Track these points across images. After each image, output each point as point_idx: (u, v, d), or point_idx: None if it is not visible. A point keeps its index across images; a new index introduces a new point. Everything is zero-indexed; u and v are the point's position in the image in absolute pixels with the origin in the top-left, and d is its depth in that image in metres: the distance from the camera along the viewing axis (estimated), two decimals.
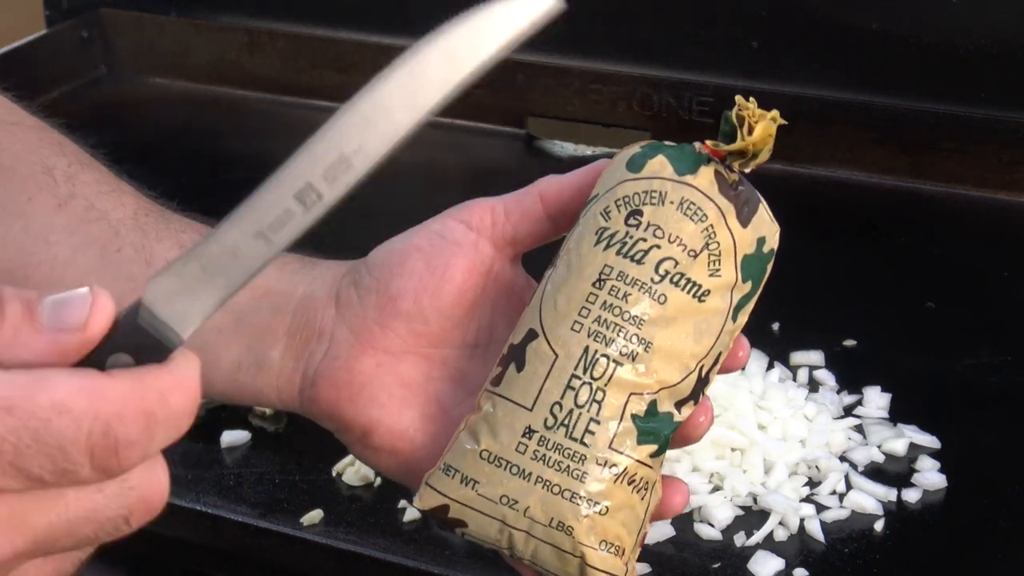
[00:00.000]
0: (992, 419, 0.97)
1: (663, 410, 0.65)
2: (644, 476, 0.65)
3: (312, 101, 1.52)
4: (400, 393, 0.67)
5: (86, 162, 0.73)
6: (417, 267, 0.66)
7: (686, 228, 0.65)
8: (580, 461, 0.63)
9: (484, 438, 0.65)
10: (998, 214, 1.26)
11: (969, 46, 1.27)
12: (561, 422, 0.64)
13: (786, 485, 0.89)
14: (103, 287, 0.68)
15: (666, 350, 0.64)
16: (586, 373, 0.64)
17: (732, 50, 1.35)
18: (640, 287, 0.64)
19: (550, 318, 0.65)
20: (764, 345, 1.02)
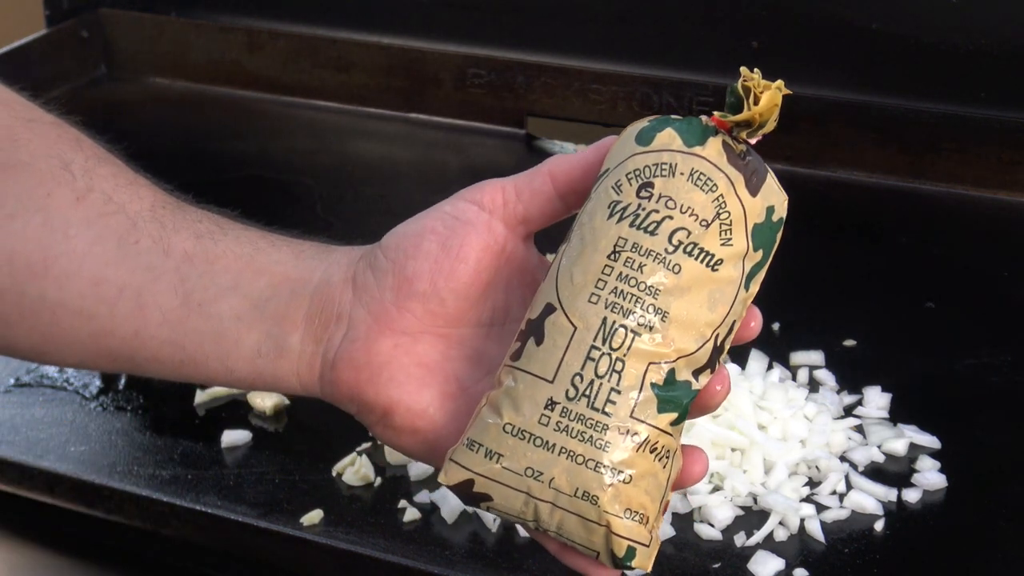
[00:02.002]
0: (992, 419, 0.97)
1: (681, 378, 0.66)
2: (665, 444, 0.65)
3: (312, 101, 1.52)
4: (418, 373, 0.68)
5: (103, 157, 0.74)
6: (432, 248, 0.67)
7: (697, 198, 0.66)
8: (603, 431, 0.64)
9: (507, 412, 0.65)
10: (998, 214, 1.26)
11: (969, 46, 1.27)
12: (582, 393, 0.65)
13: (786, 485, 0.89)
14: (121, 279, 0.69)
15: (682, 319, 0.65)
16: (605, 344, 0.65)
17: (732, 50, 1.35)
18: (655, 258, 0.65)
19: (567, 291, 0.66)
20: (764, 345, 1.02)
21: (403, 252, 0.68)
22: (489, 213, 0.68)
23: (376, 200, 1.34)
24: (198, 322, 0.69)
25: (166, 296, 0.69)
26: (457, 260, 0.67)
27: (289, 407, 1.00)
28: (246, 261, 0.70)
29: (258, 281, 0.70)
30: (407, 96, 1.47)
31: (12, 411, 1.00)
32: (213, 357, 0.70)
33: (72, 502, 0.94)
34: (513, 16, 1.44)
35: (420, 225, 0.68)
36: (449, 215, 0.68)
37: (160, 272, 0.69)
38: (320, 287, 0.69)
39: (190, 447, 0.96)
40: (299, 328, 0.69)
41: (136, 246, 0.70)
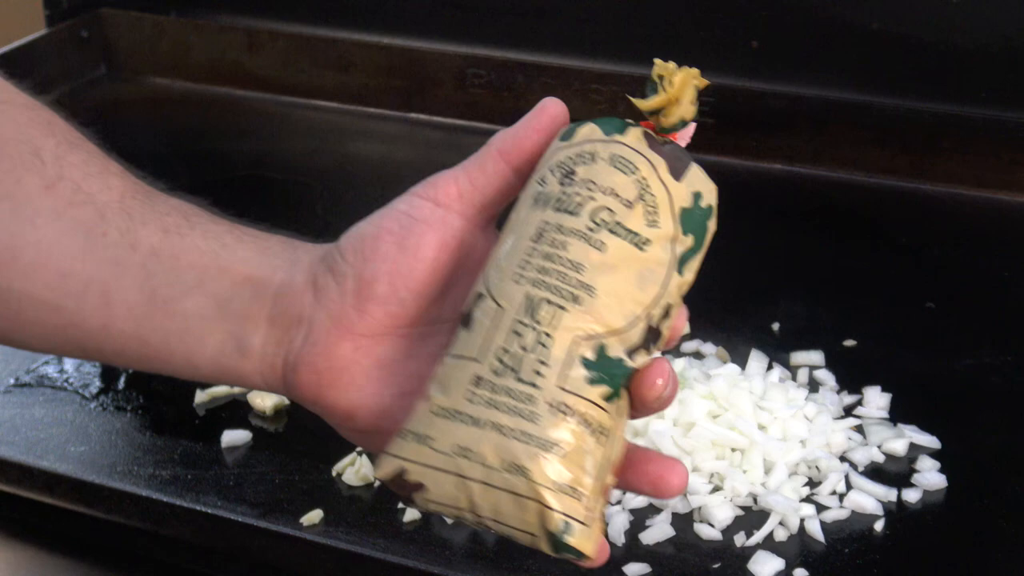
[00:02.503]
0: (992, 419, 0.97)
1: (613, 355, 0.65)
2: (599, 420, 0.64)
3: (312, 101, 1.52)
4: (379, 375, 0.68)
5: (75, 142, 0.74)
6: (389, 250, 0.67)
7: (618, 180, 0.66)
8: (531, 402, 0.63)
9: (435, 395, 0.65)
10: (998, 214, 1.26)
11: (969, 46, 1.27)
12: (509, 366, 0.64)
13: (786, 485, 0.89)
14: (87, 272, 0.69)
15: (610, 294, 0.65)
16: (531, 318, 0.64)
17: (732, 50, 1.35)
18: (577, 235, 0.65)
19: (494, 278, 0.66)
20: (764, 345, 1.02)
21: (360, 255, 0.67)
22: (445, 208, 0.68)
23: (376, 200, 1.33)
24: (163, 319, 0.69)
25: (132, 292, 0.69)
26: (415, 260, 0.67)
27: (289, 407, 1.00)
28: (211, 258, 0.70)
29: (222, 280, 0.69)
30: (407, 96, 1.47)
31: (12, 411, 1.00)
32: (178, 354, 0.70)
33: (72, 502, 0.94)
34: (513, 16, 1.44)
35: (376, 226, 0.68)
36: (404, 214, 0.68)
37: (126, 267, 0.69)
38: (282, 289, 0.69)
39: (190, 447, 0.96)
40: (261, 329, 0.69)
41: (104, 239, 0.70)
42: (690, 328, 1.05)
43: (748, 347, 1.02)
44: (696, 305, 0.71)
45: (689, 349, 1.03)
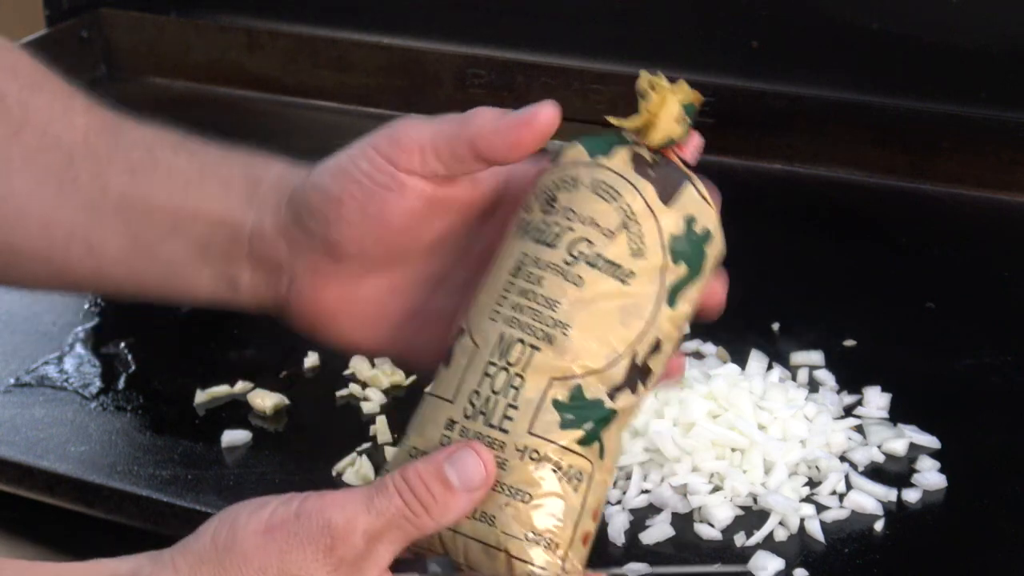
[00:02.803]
0: (992, 419, 0.97)
1: (591, 396, 0.62)
2: (574, 464, 0.62)
3: (312, 101, 1.52)
4: (370, 311, 0.69)
5: (38, 84, 0.74)
6: (353, 216, 0.66)
7: (599, 208, 0.63)
8: (500, 448, 0.61)
9: (413, 436, 0.64)
10: (998, 214, 1.26)
11: (969, 46, 1.27)
12: (479, 410, 0.62)
13: (786, 485, 0.89)
14: (67, 221, 0.70)
15: (587, 332, 0.62)
16: (502, 359, 0.62)
17: (732, 50, 1.35)
18: (553, 269, 0.62)
19: (473, 313, 0.64)
20: (764, 345, 1.02)
21: (325, 217, 0.67)
22: (407, 173, 0.66)
23: None
24: (150, 264, 0.70)
25: (114, 239, 0.70)
26: (380, 225, 0.66)
27: (289, 407, 1.00)
28: (180, 199, 0.70)
29: (196, 224, 0.70)
30: (407, 96, 1.47)
31: (12, 411, 1.00)
32: (175, 291, 0.72)
33: (72, 502, 0.94)
34: (513, 16, 1.44)
35: (339, 187, 0.67)
36: (366, 176, 0.66)
37: (102, 213, 0.70)
38: (255, 236, 0.69)
39: (190, 447, 0.96)
40: (246, 270, 0.70)
41: (74, 184, 0.70)
42: (690, 328, 1.04)
43: (748, 347, 1.02)
44: None
45: (689, 349, 1.03)
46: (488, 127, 0.65)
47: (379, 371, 1.02)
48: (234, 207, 0.70)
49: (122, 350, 1.08)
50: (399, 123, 0.66)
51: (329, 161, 0.68)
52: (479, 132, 0.65)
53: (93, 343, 1.09)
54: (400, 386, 1.01)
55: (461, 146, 0.65)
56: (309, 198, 0.67)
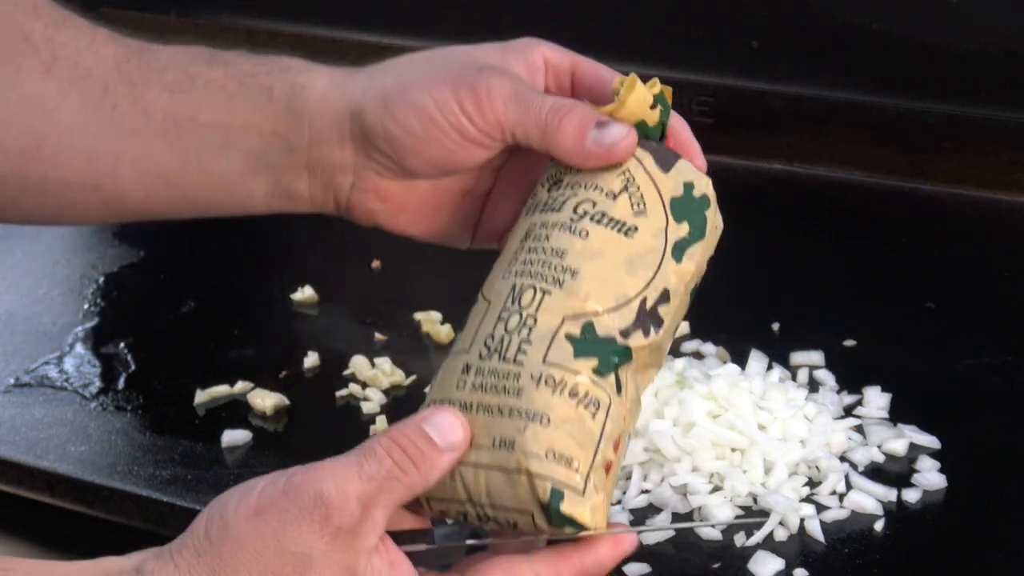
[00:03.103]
0: (992, 419, 0.97)
1: (603, 333, 0.65)
2: (589, 392, 0.64)
3: None
4: (432, 203, 0.73)
5: (60, 20, 0.76)
6: (432, 155, 0.69)
7: (602, 175, 0.67)
8: (515, 379, 0.64)
9: (432, 389, 0.67)
10: (998, 214, 1.26)
11: (969, 46, 1.27)
12: (494, 349, 0.65)
13: (786, 485, 0.89)
14: (112, 148, 0.71)
15: (595, 277, 0.65)
16: (514, 304, 0.65)
17: (732, 50, 1.35)
18: (559, 226, 0.66)
19: (489, 280, 0.68)
20: (764, 345, 1.02)
21: (404, 149, 0.70)
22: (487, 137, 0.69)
23: None
24: (204, 179, 0.72)
25: (163, 159, 0.71)
26: (451, 162, 0.70)
27: (289, 407, 1.00)
28: (227, 115, 0.71)
29: (248, 137, 0.71)
30: None
31: (12, 411, 1.00)
32: (229, 205, 0.73)
33: (72, 502, 0.94)
34: (513, 16, 1.44)
35: (425, 131, 0.69)
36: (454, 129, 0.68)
37: (147, 136, 0.71)
38: (314, 145, 0.71)
39: (190, 447, 0.96)
40: (303, 177, 0.72)
41: (114, 111, 0.72)
42: (690, 328, 1.05)
43: (748, 347, 1.02)
44: (696, 305, 0.71)
45: (689, 349, 1.03)
46: (570, 144, 0.68)
47: (379, 371, 1.02)
48: (282, 118, 0.71)
49: (122, 350, 1.08)
50: (486, 79, 0.68)
51: (409, 94, 0.69)
52: (558, 143, 0.68)
53: (93, 343, 1.09)
54: (400, 386, 1.01)
55: (537, 140, 0.68)
56: (389, 130, 0.70)
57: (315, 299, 1.14)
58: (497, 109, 0.68)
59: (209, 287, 1.18)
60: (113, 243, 1.25)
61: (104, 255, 1.23)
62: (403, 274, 1.17)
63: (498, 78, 0.68)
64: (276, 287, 1.17)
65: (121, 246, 1.25)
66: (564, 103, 0.68)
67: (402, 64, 0.71)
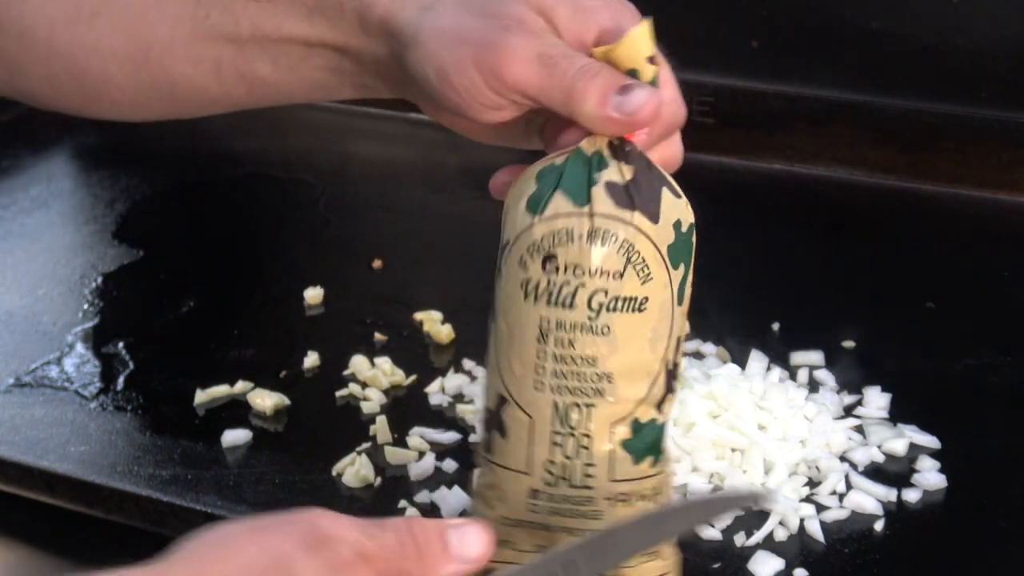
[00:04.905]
0: (992, 419, 0.97)
1: (646, 420, 0.67)
2: (653, 485, 0.68)
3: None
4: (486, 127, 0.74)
5: None
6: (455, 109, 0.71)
7: (602, 255, 0.66)
8: (590, 503, 0.67)
9: (498, 505, 0.69)
10: (998, 214, 1.26)
11: (969, 46, 1.27)
12: (559, 476, 0.67)
13: (786, 485, 0.89)
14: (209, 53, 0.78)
15: (627, 372, 0.66)
16: (564, 426, 0.67)
17: (732, 50, 1.35)
18: (579, 328, 0.66)
19: (512, 383, 0.68)
20: (764, 345, 1.02)
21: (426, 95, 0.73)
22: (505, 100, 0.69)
23: (376, 199, 1.33)
24: (297, 81, 0.78)
25: (257, 65, 0.78)
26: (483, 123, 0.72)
27: (289, 407, 1.00)
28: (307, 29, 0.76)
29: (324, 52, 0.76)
30: None
31: (12, 411, 1.00)
32: (327, 98, 0.81)
33: (72, 502, 0.94)
34: None
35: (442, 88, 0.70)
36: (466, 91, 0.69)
37: (241, 43, 0.77)
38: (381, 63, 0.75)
39: (190, 447, 0.96)
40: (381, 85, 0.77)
41: (207, 20, 0.78)
42: (690, 328, 1.05)
43: (748, 347, 1.02)
44: (696, 305, 0.71)
45: (689, 349, 1.03)
46: (592, 110, 0.67)
47: (379, 371, 1.02)
48: (352, 34, 0.75)
49: (121, 350, 1.08)
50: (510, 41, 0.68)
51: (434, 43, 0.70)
52: (581, 109, 0.67)
53: (93, 343, 1.09)
54: (400, 386, 1.01)
55: (560, 105, 0.68)
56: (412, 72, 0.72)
57: (315, 299, 1.14)
58: (517, 72, 0.67)
59: (209, 287, 1.18)
60: (113, 243, 1.25)
61: (104, 255, 1.23)
62: (403, 274, 1.17)
63: (523, 39, 0.68)
64: (276, 287, 1.17)
65: (121, 246, 1.25)
66: (590, 67, 0.67)
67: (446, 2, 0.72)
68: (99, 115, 0.86)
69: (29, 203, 1.33)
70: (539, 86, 0.67)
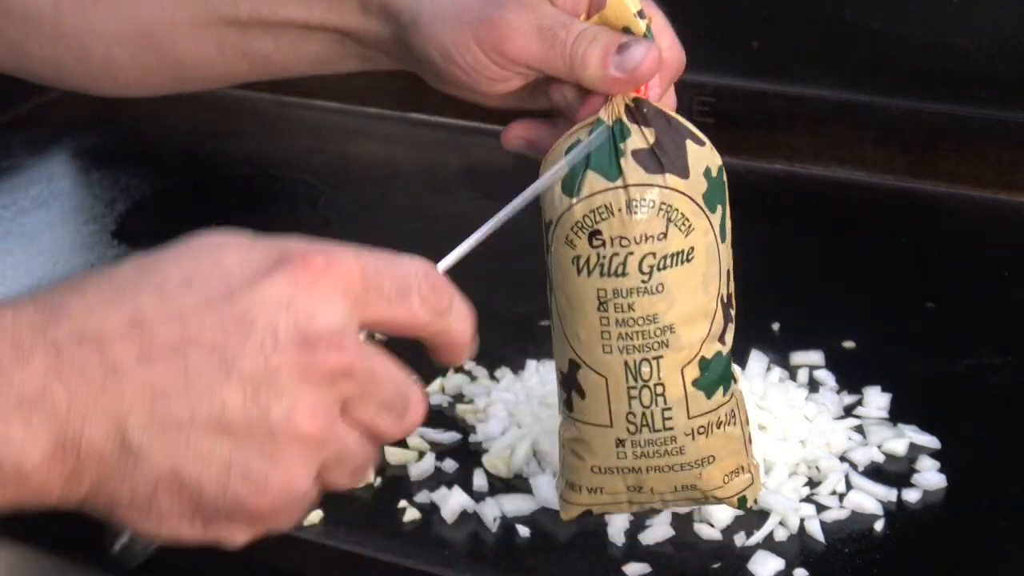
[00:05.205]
0: (992, 419, 0.97)
1: (711, 356, 0.72)
2: (728, 410, 0.73)
3: (312, 101, 1.52)
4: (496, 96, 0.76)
5: None
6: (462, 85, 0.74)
7: (643, 222, 0.69)
8: (673, 441, 0.72)
9: (587, 456, 0.74)
10: (998, 214, 1.26)
11: (969, 46, 1.27)
12: (641, 424, 0.72)
13: (786, 485, 0.89)
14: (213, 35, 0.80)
15: (687, 319, 0.71)
16: (637, 381, 0.71)
17: (732, 50, 1.35)
18: (637, 292, 0.70)
19: (581, 349, 0.72)
20: (764, 345, 1.02)
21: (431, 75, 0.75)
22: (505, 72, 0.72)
23: (376, 200, 1.33)
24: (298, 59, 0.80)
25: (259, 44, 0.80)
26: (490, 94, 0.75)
27: None
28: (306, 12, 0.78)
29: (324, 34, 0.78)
30: (407, 96, 1.47)
31: None
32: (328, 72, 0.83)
33: None
34: None
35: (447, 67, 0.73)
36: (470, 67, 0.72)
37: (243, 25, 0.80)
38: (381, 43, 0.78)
39: None
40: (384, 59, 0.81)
41: (208, 4, 0.80)
42: None
43: (748, 347, 1.02)
44: None
45: None
46: (596, 73, 0.70)
47: None
48: (351, 16, 0.77)
49: None
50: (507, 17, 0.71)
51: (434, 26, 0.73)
52: (584, 75, 0.70)
53: None
54: None
55: (564, 73, 0.71)
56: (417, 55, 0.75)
57: None
58: (517, 47, 0.70)
59: None
60: (113, 243, 1.25)
61: (104, 255, 1.23)
62: None
63: (520, 14, 0.70)
64: None
65: (121, 246, 1.25)
66: (587, 32, 0.70)
67: None
68: (103, 93, 0.88)
69: (29, 203, 1.33)
70: (541, 58, 0.70)
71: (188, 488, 0.56)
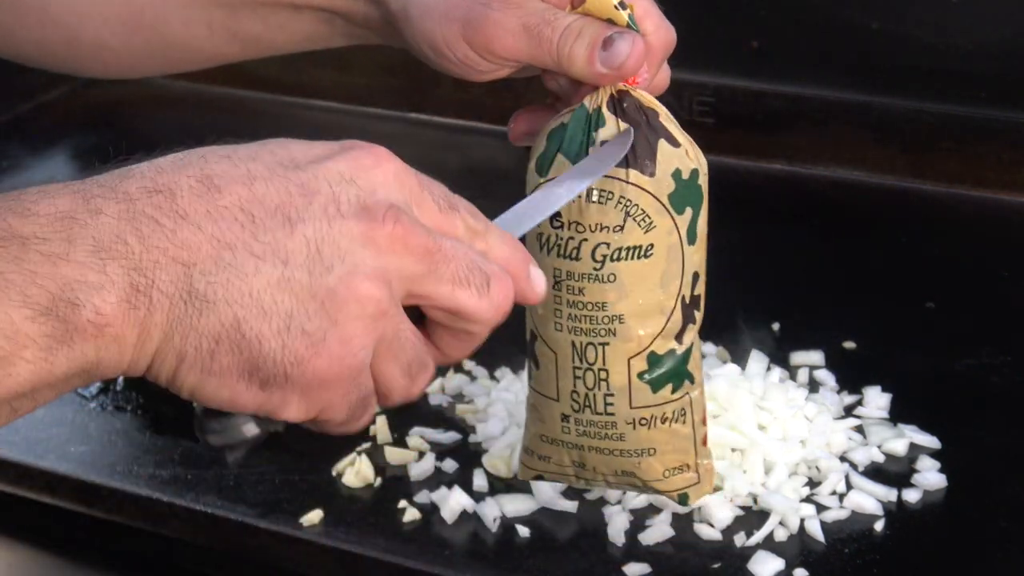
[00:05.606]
0: (992, 419, 0.97)
1: (663, 351, 0.73)
2: (676, 407, 0.74)
3: (312, 101, 1.52)
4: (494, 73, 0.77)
5: None
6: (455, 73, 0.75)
7: (599, 211, 0.71)
8: (613, 427, 0.74)
9: (537, 424, 0.77)
10: (998, 214, 1.26)
11: (969, 46, 1.27)
12: (584, 404, 0.74)
13: (786, 485, 0.89)
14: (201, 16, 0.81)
15: (638, 313, 0.72)
16: (583, 362, 0.73)
17: (732, 50, 1.35)
18: (588, 278, 0.71)
19: (538, 322, 0.75)
20: (764, 345, 1.02)
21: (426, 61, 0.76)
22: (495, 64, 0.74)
23: None
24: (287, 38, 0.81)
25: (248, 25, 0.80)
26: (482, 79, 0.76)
27: None
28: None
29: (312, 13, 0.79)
30: (407, 96, 1.47)
31: None
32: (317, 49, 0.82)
33: (72, 502, 0.94)
34: None
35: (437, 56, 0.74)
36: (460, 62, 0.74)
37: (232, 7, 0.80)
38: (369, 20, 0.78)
39: (190, 447, 0.96)
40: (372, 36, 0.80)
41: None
42: None
43: (748, 347, 1.02)
44: None
45: None
46: (583, 69, 0.71)
47: None
48: (338, 0, 0.78)
49: None
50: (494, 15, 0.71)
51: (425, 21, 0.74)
52: (571, 70, 0.71)
53: None
54: None
55: (552, 67, 0.72)
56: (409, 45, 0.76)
57: None
58: (506, 45, 0.72)
59: None
60: None
61: None
62: None
63: (505, 12, 0.71)
64: None
65: None
66: (572, 28, 0.70)
67: None
68: (92, 75, 0.89)
69: None
70: (529, 54, 0.72)
71: (248, 342, 0.56)
